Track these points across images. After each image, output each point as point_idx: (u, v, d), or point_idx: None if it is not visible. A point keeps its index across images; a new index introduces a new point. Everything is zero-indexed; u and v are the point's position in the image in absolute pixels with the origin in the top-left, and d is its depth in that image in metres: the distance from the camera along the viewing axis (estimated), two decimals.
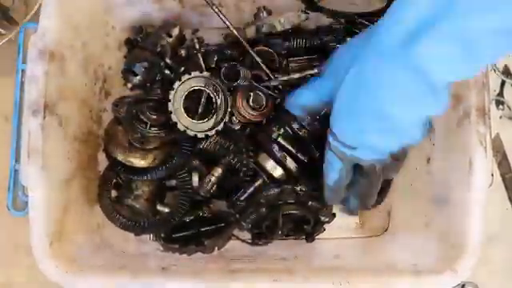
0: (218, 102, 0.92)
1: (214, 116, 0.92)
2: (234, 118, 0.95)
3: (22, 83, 1.05)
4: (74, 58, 0.92)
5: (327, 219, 0.97)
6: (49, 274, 0.81)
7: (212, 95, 0.92)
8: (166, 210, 1.00)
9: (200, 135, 0.92)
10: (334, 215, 0.99)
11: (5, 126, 1.10)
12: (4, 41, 1.07)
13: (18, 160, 1.03)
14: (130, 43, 1.05)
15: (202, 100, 0.93)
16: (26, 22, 1.08)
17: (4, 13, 1.12)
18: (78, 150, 0.95)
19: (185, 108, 0.91)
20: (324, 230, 1.01)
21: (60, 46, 0.86)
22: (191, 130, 0.91)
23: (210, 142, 0.96)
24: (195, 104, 0.93)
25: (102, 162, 1.04)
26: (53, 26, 0.85)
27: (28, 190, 0.82)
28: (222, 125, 0.92)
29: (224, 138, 0.96)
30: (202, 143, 0.96)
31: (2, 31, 1.09)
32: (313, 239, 0.99)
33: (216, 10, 0.92)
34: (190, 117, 0.92)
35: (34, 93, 0.82)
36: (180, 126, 0.91)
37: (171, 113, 0.90)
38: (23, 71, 1.05)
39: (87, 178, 0.99)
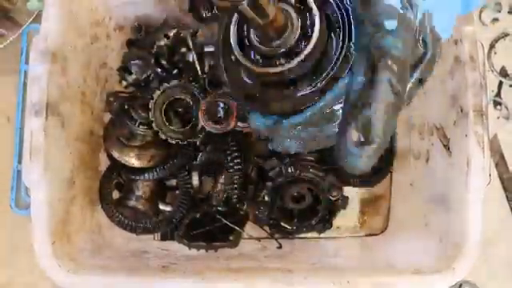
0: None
1: (195, 123, 0.92)
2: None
3: (25, 84, 1.06)
4: (75, 59, 0.93)
5: (339, 196, 0.96)
6: (51, 272, 0.82)
7: (191, 103, 0.93)
8: (168, 208, 1.01)
9: (182, 142, 0.93)
10: (346, 198, 0.98)
11: (7, 126, 1.11)
12: (6, 42, 1.08)
13: (20, 160, 1.03)
14: (132, 44, 1.06)
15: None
16: (28, 24, 1.09)
17: (6, 14, 1.13)
18: (79, 151, 0.96)
19: (167, 115, 0.92)
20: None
21: (62, 48, 0.87)
22: (173, 137, 0.92)
23: (208, 152, 0.97)
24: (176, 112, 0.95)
25: (104, 162, 1.04)
26: (55, 27, 0.86)
27: (30, 190, 0.83)
28: (202, 132, 0.93)
29: (218, 143, 0.97)
30: (200, 156, 0.98)
31: (5, 32, 1.10)
32: (331, 224, 0.99)
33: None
34: (170, 124, 0.93)
35: (36, 93, 0.83)
36: (161, 135, 0.92)
37: (152, 122, 0.91)
38: (26, 72, 1.05)
39: (89, 178, 1.00)
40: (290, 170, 0.93)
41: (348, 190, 1.02)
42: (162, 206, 1.01)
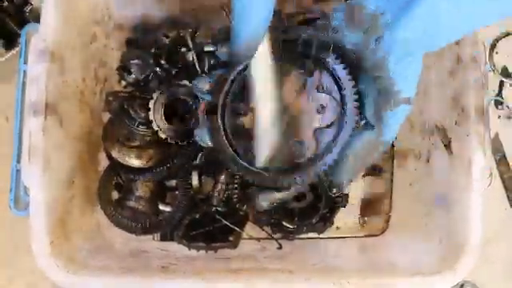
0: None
1: (195, 123, 0.91)
2: None
3: (24, 83, 1.05)
4: (74, 59, 0.92)
5: (339, 192, 0.95)
6: (49, 273, 0.82)
7: (191, 103, 0.92)
8: (168, 209, 1.01)
9: (181, 142, 0.92)
10: (346, 196, 0.98)
11: (6, 126, 1.11)
12: None
13: (19, 160, 1.03)
14: (131, 43, 1.06)
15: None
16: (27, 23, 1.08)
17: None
18: (78, 150, 0.95)
19: (167, 115, 0.92)
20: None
21: (61, 47, 0.87)
22: (173, 137, 0.92)
23: (208, 152, 0.97)
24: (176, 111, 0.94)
25: (103, 162, 1.04)
26: (53, 26, 0.85)
27: (29, 190, 0.83)
28: None
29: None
30: (200, 156, 0.97)
31: None
32: (331, 222, 0.98)
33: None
34: (170, 124, 0.92)
35: (35, 93, 0.83)
36: (161, 134, 0.91)
37: (151, 122, 0.90)
38: (25, 72, 1.05)
39: (88, 178, 1.00)
40: None
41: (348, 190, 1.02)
42: (161, 207, 1.01)
